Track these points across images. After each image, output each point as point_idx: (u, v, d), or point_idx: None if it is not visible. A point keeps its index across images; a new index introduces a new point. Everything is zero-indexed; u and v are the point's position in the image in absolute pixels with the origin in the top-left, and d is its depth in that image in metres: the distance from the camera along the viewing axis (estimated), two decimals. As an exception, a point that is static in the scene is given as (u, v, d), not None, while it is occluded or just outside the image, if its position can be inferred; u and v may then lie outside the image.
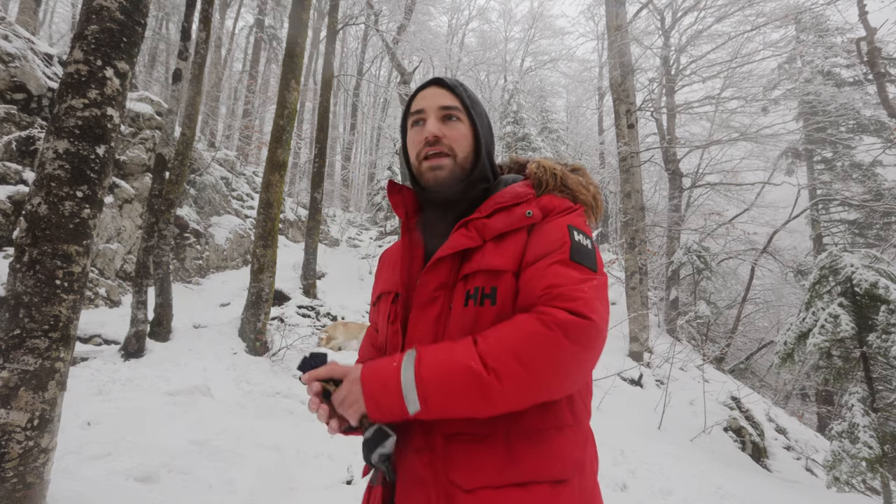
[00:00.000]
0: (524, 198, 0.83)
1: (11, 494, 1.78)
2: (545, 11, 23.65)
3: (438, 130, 0.85)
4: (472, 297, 0.76)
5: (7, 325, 1.82)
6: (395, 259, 0.93)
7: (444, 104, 0.87)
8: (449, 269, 0.79)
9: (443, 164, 0.85)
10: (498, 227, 0.79)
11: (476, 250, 0.78)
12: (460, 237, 0.79)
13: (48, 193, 1.89)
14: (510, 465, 0.70)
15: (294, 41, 5.97)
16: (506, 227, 0.79)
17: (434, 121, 0.86)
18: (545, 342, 0.66)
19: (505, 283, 0.76)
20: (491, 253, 0.77)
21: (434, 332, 0.77)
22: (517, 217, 0.80)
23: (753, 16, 11.09)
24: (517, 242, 0.78)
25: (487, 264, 0.76)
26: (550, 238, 0.77)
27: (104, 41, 1.99)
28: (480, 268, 0.77)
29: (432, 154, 0.85)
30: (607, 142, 18.43)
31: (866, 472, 3.88)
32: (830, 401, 11.49)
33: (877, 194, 12.02)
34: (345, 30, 16.79)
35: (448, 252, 0.78)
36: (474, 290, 0.76)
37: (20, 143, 5.53)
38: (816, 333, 4.35)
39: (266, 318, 5.41)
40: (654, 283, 12.89)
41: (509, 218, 0.80)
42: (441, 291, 0.78)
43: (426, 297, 0.79)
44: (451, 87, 0.88)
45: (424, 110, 0.87)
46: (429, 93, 0.88)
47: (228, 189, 10.37)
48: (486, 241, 0.79)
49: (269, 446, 3.27)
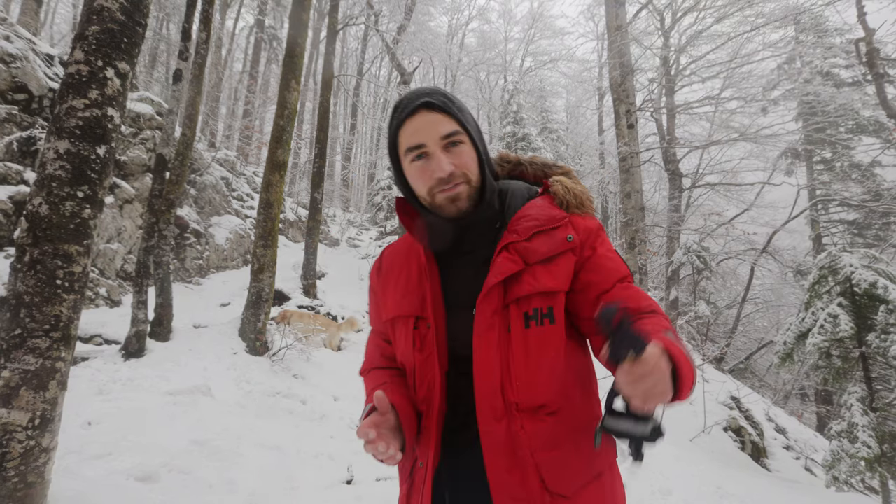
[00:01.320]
0: (560, 221, 0.86)
1: (13, 493, 1.79)
2: (545, 12, 23.66)
3: (450, 166, 0.82)
4: (533, 318, 0.80)
5: (8, 324, 1.82)
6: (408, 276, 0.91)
7: (444, 133, 0.82)
8: (498, 294, 0.81)
9: (460, 193, 0.83)
10: (543, 252, 0.82)
11: (523, 273, 0.81)
12: (506, 262, 0.81)
13: (49, 193, 1.89)
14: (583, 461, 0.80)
15: (294, 41, 5.98)
16: (551, 252, 0.83)
17: (441, 155, 0.82)
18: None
19: (559, 302, 0.82)
20: (543, 275, 0.81)
21: (499, 355, 0.80)
22: (559, 241, 0.84)
23: (753, 16, 11.10)
24: (566, 264, 0.83)
25: (544, 286, 0.81)
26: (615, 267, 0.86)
27: (105, 42, 2.00)
28: (536, 290, 0.80)
29: (448, 188, 0.83)
30: (607, 142, 18.44)
31: (865, 472, 3.88)
32: (829, 400, 11.50)
33: (876, 194, 12.02)
34: (345, 30, 16.79)
35: (499, 279, 0.80)
36: (533, 312, 0.80)
37: (21, 144, 5.54)
38: (816, 333, 4.35)
39: (266, 318, 5.42)
40: (654, 283, 12.89)
41: (552, 242, 0.84)
42: (496, 317, 0.80)
43: (485, 324, 0.81)
44: (443, 108, 0.82)
45: (426, 144, 0.82)
46: (422, 121, 0.82)
47: (229, 189, 10.37)
48: (531, 264, 0.82)
49: (269, 446, 3.28)
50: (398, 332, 0.92)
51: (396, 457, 0.76)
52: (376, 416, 0.78)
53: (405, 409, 0.85)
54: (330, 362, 5.69)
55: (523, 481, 0.76)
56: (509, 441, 0.77)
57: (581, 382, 0.84)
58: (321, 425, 4.06)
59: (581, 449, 0.80)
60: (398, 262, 0.96)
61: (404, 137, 0.84)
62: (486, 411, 0.78)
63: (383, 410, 0.79)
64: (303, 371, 5.17)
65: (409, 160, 0.85)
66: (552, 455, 0.78)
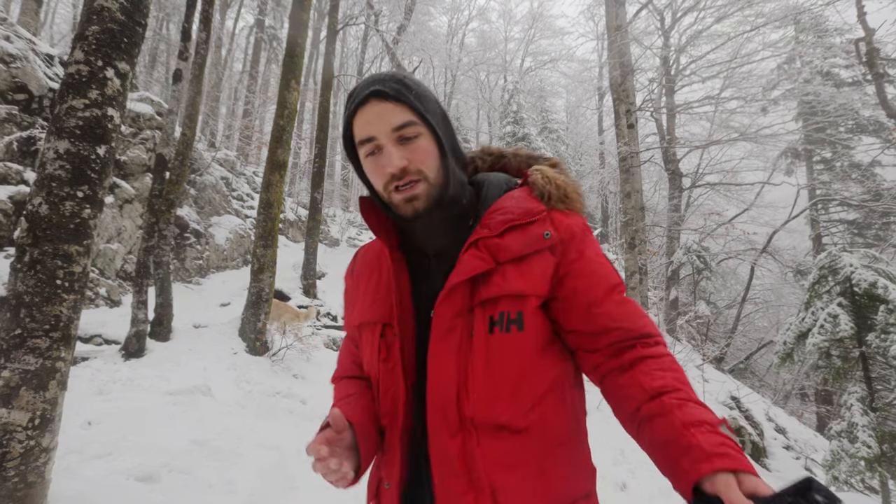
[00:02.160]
0: (537, 216, 0.76)
1: (13, 493, 1.79)
2: (545, 11, 23.67)
3: (402, 161, 0.73)
4: (498, 323, 0.71)
5: (8, 324, 1.82)
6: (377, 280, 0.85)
7: (396, 124, 0.73)
8: (463, 294, 0.73)
9: (417, 192, 0.75)
10: (515, 250, 0.73)
11: (492, 273, 0.73)
12: (472, 259, 0.73)
13: (49, 193, 1.89)
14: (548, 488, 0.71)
15: (294, 41, 5.98)
16: (524, 250, 0.73)
17: (392, 149, 0.74)
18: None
19: (530, 307, 0.72)
20: (513, 276, 0.72)
21: (457, 362, 0.71)
22: (534, 238, 0.74)
23: (753, 16, 11.11)
24: (542, 264, 0.74)
25: (512, 289, 0.72)
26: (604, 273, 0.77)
27: (105, 42, 2.00)
28: (504, 293, 0.72)
29: (402, 186, 0.75)
30: (607, 142, 18.44)
31: (865, 472, 3.89)
32: (829, 400, 11.50)
33: (876, 194, 12.03)
34: (345, 30, 16.79)
35: (463, 278, 0.72)
36: (499, 316, 0.71)
37: (21, 144, 5.54)
38: (816, 333, 4.35)
39: (266, 318, 5.42)
40: (654, 283, 12.89)
41: (525, 238, 0.74)
42: (459, 319, 0.72)
43: (444, 326, 0.73)
44: (395, 97, 0.73)
45: (376, 137, 0.74)
46: (372, 112, 0.74)
47: (228, 189, 10.37)
48: (501, 262, 0.73)
49: (269, 446, 3.28)
50: (364, 339, 0.86)
51: (348, 476, 0.72)
52: (330, 433, 0.73)
53: (365, 426, 0.79)
54: (330, 362, 5.69)
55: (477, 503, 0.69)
56: (463, 459, 0.69)
57: (559, 400, 0.74)
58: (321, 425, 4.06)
59: (547, 472, 0.71)
60: (369, 263, 0.89)
61: (357, 129, 0.76)
62: (438, 425, 0.71)
63: (338, 428, 0.74)
64: (303, 371, 5.17)
65: (363, 154, 0.77)
66: (511, 477, 0.69)
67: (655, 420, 0.64)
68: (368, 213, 0.83)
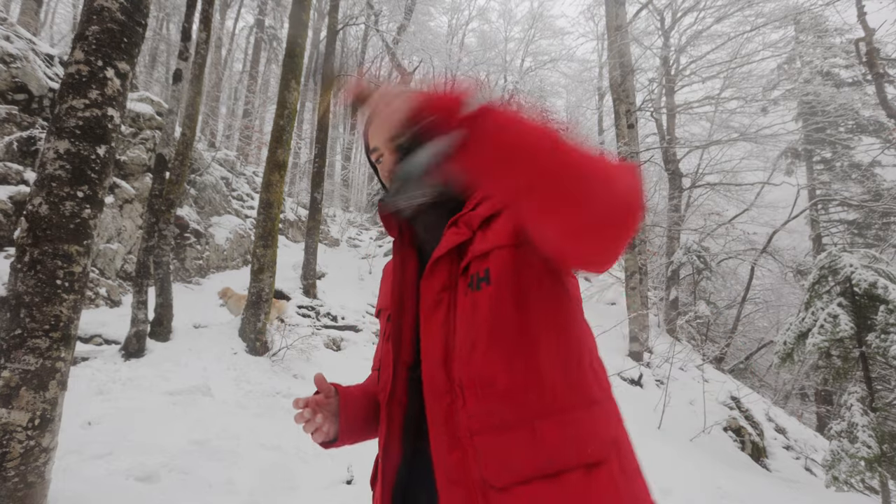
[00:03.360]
0: None
1: (13, 493, 1.79)
2: (545, 12, 23.64)
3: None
4: (471, 284, 0.75)
5: (8, 324, 1.82)
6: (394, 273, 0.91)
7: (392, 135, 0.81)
8: (448, 268, 0.77)
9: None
10: (482, 214, 0.78)
11: (468, 243, 0.77)
12: (451, 235, 0.79)
13: (49, 193, 1.89)
14: (537, 453, 0.66)
15: (294, 41, 5.98)
16: (489, 212, 0.78)
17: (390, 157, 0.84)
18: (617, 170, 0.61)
19: (495, 260, 0.74)
20: (480, 239, 0.77)
21: (444, 334, 0.74)
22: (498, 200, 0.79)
23: (753, 16, 11.11)
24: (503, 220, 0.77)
25: (477, 250, 0.76)
26: None
27: (105, 42, 2.00)
28: (473, 256, 0.76)
29: None
30: (607, 142, 18.43)
31: (865, 472, 3.89)
32: (829, 400, 11.50)
33: (876, 194, 12.04)
34: (345, 30, 16.79)
35: (442, 252, 0.77)
36: (471, 279, 0.75)
37: (21, 144, 5.54)
38: (816, 333, 4.35)
39: (266, 318, 5.42)
40: (654, 283, 12.89)
41: (491, 203, 0.79)
42: (444, 293, 0.77)
43: (431, 301, 0.77)
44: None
45: (378, 147, 0.86)
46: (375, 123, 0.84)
47: (228, 189, 10.37)
48: (475, 230, 0.78)
49: (269, 446, 3.28)
50: (382, 323, 0.94)
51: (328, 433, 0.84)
52: (319, 396, 0.85)
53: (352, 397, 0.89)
54: (330, 362, 5.69)
55: (462, 462, 0.70)
56: (448, 419, 0.72)
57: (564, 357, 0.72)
58: (321, 425, 4.06)
59: (539, 438, 0.67)
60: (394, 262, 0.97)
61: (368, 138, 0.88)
62: (430, 388, 0.75)
63: (325, 392, 0.85)
64: (303, 371, 5.17)
65: (374, 160, 0.89)
66: (495, 440, 0.68)
67: None
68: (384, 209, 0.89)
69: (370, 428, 0.92)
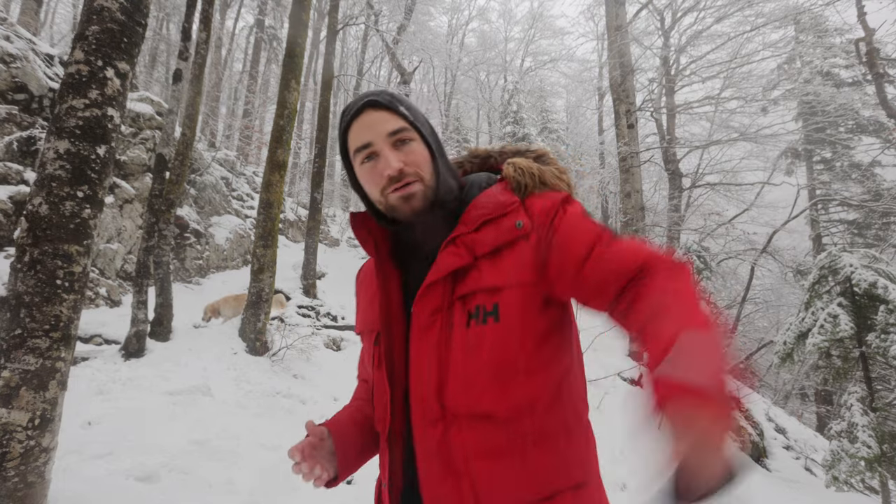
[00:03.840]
0: (509, 207, 0.78)
1: (13, 493, 1.79)
2: (545, 12, 23.65)
3: (399, 162, 0.77)
4: (475, 316, 0.72)
5: (8, 324, 1.82)
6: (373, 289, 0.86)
7: (390, 129, 0.78)
8: (442, 291, 0.74)
9: (414, 191, 0.77)
10: (489, 243, 0.75)
11: (470, 268, 0.74)
12: (449, 256, 0.75)
13: (49, 193, 1.89)
14: (531, 478, 0.69)
15: (294, 41, 5.98)
16: (498, 242, 0.75)
17: (389, 152, 0.78)
18: (695, 286, 0.66)
19: (507, 298, 0.72)
20: (488, 271, 0.74)
21: (437, 357, 0.73)
22: (507, 229, 0.76)
23: (753, 16, 11.10)
24: (517, 255, 0.74)
25: (486, 283, 0.73)
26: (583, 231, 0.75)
27: (105, 42, 2.00)
28: (479, 287, 0.73)
29: (400, 186, 0.77)
30: (607, 142, 18.44)
31: (865, 472, 3.89)
32: (829, 400, 11.50)
33: (876, 194, 12.03)
34: (345, 30, 16.79)
35: (439, 275, 0.74)
36: (475, 309, 0.73)
37: (21, 144, 5.54)
38: (816, 333, 4.35)
39: (266, 318, 5.42)
40: (654, 283, 12.86)
41: (498, 231, 0.76)
42: (437, 315, 0.74)
43: (423, 322, 0.75)
44: (388, 106, 0.79)
45: (372, 143, 0.78)
46: (368, 120, 0.79)
47: (228, 189, 10.38)
48: (478, 257, 0.74)
49: (269, 446, 3.28)
50: (364, 346, 0.91)
51: (322, 477, 0.79)
52: (312, 440, 0.81)
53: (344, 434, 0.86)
54: (330, 362, 5.69)
55: (456, 490, 0.70)
56: (444, 447, 0.71)
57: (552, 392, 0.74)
58: (321, 425, 4.06)
59: (530, 462, 0.70)
60: (368, 274, 0.92)
61: (352, 139, 0.81)
62: (420, 415, 0.73)
63: (316, 435, 0.82)
64: (303, 371, 5.17)
65: (359, 162, 0.81)
66: (491, 465, 0.69)
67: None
68: (358, 226, 0.85)
69: (367, 455, 0.90)
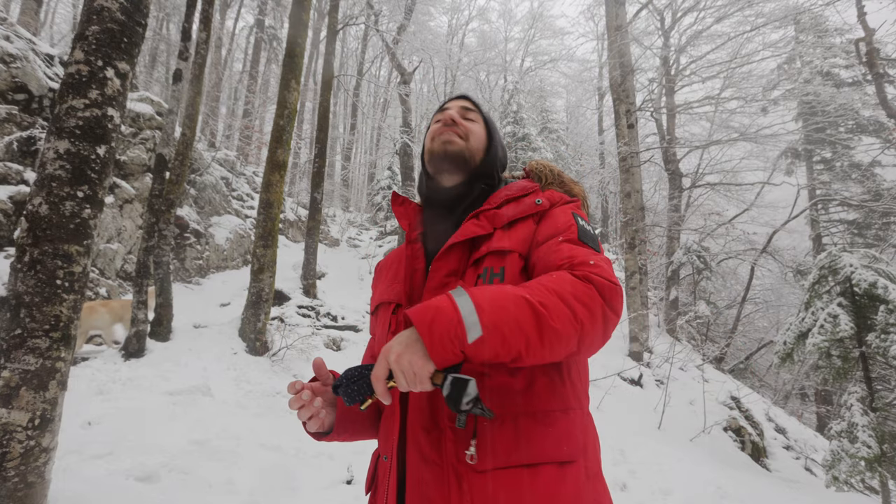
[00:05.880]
0: (531, 189, 0.91)
1: (13, 493, 1.79)
2: (545, 12, 23.64)
3: (457, 116, 0.94)
4: (482, 276, 0.78)
5: (8, 324, 1.82)
6: (396, 269, 0.94)
7: (465, 106, 0.98)
8: (459, 256, 0.81)
9: (455, 140, 0.92)
10: (508, 215, 0.84)
11: (486, 238, 0.82)
12: (471, 226, 0.83)
13: (49, 193, 1.89)
14: (519, 446, 0.71)
15: (294, 41, 5.98)
16: (516, 215, 0.84)
17: (455, 111, 0.96)
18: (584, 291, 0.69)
19: (511, 261, 0.79)
20: (499, 237, 0.81)
21: None
22: (527, 206, 0.86)
23: (753, 16, 11.10)
24: (526, 228, 0.83)
25: (496, 246, 0.80)
26: (558, 221, 0.83)
27: (105, 42, 2.00)
28: (490, 250, 0.80)
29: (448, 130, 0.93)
30: (607, 142, 18.44)
31: (865, 472, 3.88)
32: (829, 400, 11.50)
33: (876, 194, 12.03)
34: (345, 30, 16.79)
35: (460, 239, 0.81)
36: (484, 271, 0.78)
37: (21, 144, 5.54)
38: (816, 333, 4.35)
39: (266, 318, 5.42)
40: (654, 283, 12.89)
41: (519, 207, 0.86)
42: (451, 278, 0.80)
43: (437, 282, 0.80)
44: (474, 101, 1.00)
45: (448, 108, 0.97)
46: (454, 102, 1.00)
47: (228, 189, 10.37)
48: (496, 228, 0.83)
49: (269, 446, 3.28)
50: (379, 318, 0.93)
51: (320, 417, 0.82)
52: (317, 384, 0.84)
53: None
54: (330, 363, 5.68)
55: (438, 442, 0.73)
56: (432, 401, 0.74)
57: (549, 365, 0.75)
58: (321, 425, 4.06)
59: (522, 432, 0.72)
60: (395, 256, 1.00)
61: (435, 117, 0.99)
62: None
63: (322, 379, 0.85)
64: (303, 371, 5.17)
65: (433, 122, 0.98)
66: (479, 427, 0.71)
67: None
68: (398, 203, 0.98)
69: (364, 427, 0.90)
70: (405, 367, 0.62)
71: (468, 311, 0.62)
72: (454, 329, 0.61)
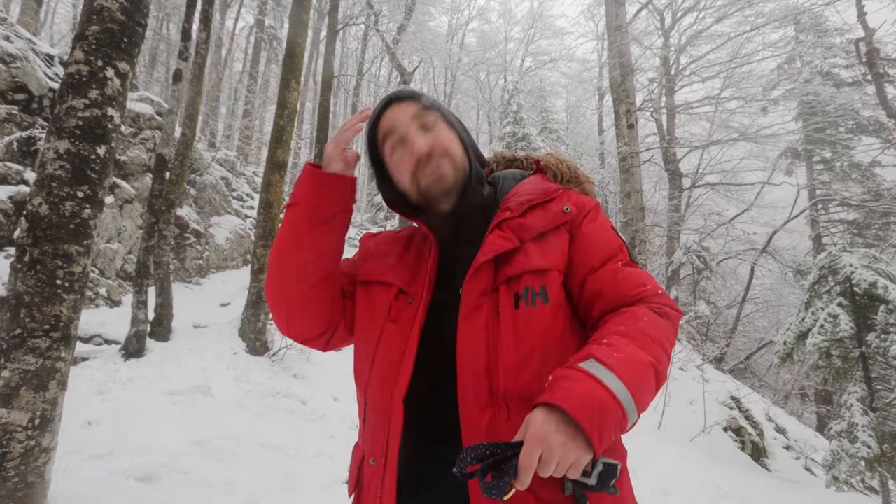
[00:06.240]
0: (555, 193, 0.83)
1: (13, 493, 1.79)
2: (545, 12, 23.66)
3: (427, 142, 0.80)
4: (523, 297, 0.73)
5: (8, 324, 1.82)
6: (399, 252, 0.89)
7: (413, 112, 0.82)
8: (488, 273, 0.76)
9: (445, 171, 0.80)
10: (537, 227, 0.78)
11: (515, 251, 0.76)
12: (497, 239, 0.77)
13: (49, 193, 1.89)
14: None
15: (294, 41, 5.98)
16: (546, 226, 0.78)
17: (416, 135, 0.80)
18: (668, 330, 0.70)
19: (552, 280, 0.75)
20: (535, 253, 0.76)
21: (485, 339, 0.72)
22: (555, 214, 0.80)
23: (753, 16, 11.10)
24: (560, 240, 0.78)
25: (534, 265, 0.75)
26: (607, 240, 0.80)
27: (105, 42, 2.00)
28: (526, 269, 0.74)
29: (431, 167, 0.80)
30: (607, 142, 18.44)
31: (865, 472, 3.89)
32: (829, 400, 11.50)
33: (876, 194, 12.03)
34: (345, 30, 16.79)
35: (489, 256, 0.75)
36: (524, 291, 0.73)
37: (21, 144, 5.54)
38: (816, 333, 4.35)
39: (266, 318, 5.42)
40: (654, 283, 12.85)
41: (547, 216, 0.79)
42: (484, 298, 0.74)
43: (471, 304, 0.74)
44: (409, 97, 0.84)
45: (396, 128, 0.82)
46: (391, 112, 0.83)
47: (228, 189, 10.37)
48: (525, 241, 0.77)
49: (269, 446, 3.28)
50: (373, 296, 0.85)
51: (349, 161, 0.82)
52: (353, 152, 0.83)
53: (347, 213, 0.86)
54: (330, 362, 5.69)
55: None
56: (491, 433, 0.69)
57: None
58: (321, 425, 4.07)
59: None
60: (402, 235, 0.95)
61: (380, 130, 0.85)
62: (469, 399, 0.70)
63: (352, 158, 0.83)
64: (303, 371, 5.17)
65: (388, 154, 0.84)
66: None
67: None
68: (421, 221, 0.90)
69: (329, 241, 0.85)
70: (562, 456, 0.57)
71: (626, 399, 0.60)
72: (620, 424, 0.60)
